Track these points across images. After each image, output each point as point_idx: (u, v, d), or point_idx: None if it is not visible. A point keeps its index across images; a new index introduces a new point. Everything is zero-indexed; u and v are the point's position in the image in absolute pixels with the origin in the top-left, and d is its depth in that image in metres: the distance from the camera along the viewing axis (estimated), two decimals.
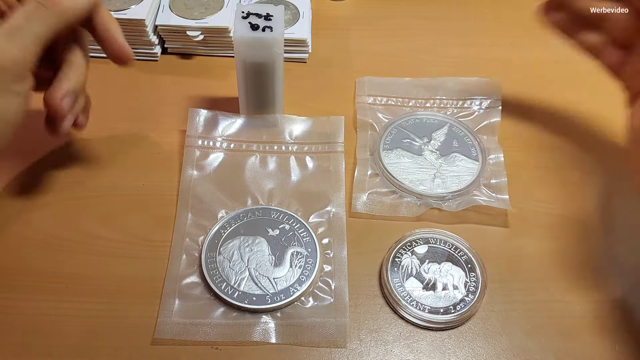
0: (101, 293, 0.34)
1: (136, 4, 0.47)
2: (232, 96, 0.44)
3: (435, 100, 0.46)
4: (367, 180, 0.41)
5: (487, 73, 0.48)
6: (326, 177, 0.40)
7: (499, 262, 0.37)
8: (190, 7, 0.48)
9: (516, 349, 0.33)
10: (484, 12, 0.55)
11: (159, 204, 0.39)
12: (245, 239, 0.37)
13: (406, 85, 0.47)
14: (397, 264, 0.36)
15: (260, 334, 0.33)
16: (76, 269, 0.35)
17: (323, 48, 0.51)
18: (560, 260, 0.37)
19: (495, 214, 0.39)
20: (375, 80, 0.47)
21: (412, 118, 0.44)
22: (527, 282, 0.36)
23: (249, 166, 0.41)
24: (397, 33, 0.53)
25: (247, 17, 0.37)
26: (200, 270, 0.35)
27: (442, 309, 0.34)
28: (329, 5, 0.55)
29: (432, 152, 0.42)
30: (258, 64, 0.38)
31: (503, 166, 0.42)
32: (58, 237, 0.37)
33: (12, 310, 0.33)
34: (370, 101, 0.46)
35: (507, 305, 0.35)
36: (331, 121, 0.43)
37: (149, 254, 0.36)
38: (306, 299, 0.34)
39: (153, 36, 0.48)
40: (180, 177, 0.40)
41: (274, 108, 0.42)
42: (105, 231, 0.37)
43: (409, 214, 0.39)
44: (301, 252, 0.36)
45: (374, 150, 0.42)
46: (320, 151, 0.42)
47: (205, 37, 0.48)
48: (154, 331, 0.33)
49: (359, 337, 0.33)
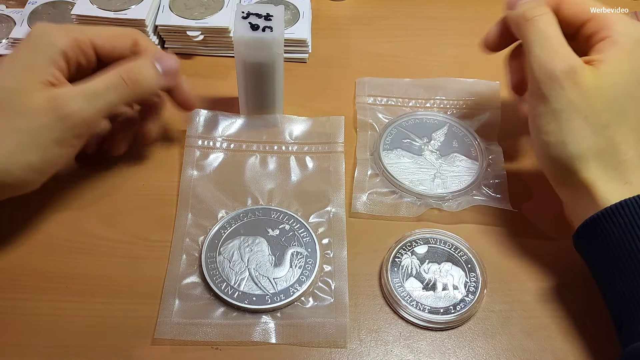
0: (101, 293, 0.34)
1: (136, 4, 0.47)
2: (232, 96, 0.44)
3: (435, 100, 0.46)
4: (367, 180, 0.41)
5: (487, 73, 0.48)
6: (326, 177, 0.40)
7: (499, 262, 0.37)
8: (190, 7, 0.48)
9: (516, 349, 0.33)
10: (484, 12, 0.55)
11: (159, 204, 0.39)
12: (245, 239, 0.37)
13: (406, 86, 0.47)
14: (397, 264, 0.36)
15: (260, 334, 0.33)
16: (76, 269, 0.35)
17: (323, 48, 0.51)
18: (560, 260, 0.37)
19: (495, 214, 0.39)
20: (375, 81, 0.47)
21: (412, 118, 0.44)
22: (527, 282, 0.36)
23: (249, 166, 0.41)
24: (397, 33, 0.53)
25: (247, 17, 0.37)
26: (200, 271, 0.35)
27: (442, 309, 0.34)
28: (329, 5, 0.55)
29: (432, 152, 0.42)
30: (258, 64, 0.38)
31: (503, 166, 0.42)
32: (58, 237, 0.37)
33: (12, 310, 0.33)
34: (370, 101, 0.46)
35: (507, 305, 0.35)
36: (331, 121, 0.43)
37: (149, 254, 0.36)
38: (306, 299, 0.34)
39: (153, 36, 0.48)
40: (181, 177, 0.40)
41: (274, 108, 0.42)
42: (105, 231, 0.37)
43: (409, 214, 0.39)
44: (301, 252, 0.36)
45: (374, 150, 0.42)
46: (320, 151, 0.42)
47: (205, 37, 0.48)
48: (154, 331, 0.33)
49: (359, 337, 0.33)
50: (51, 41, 0.34)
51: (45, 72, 0.33)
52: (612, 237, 0.31)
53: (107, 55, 0.36)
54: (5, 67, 0.33)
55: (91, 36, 0.35)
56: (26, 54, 0.34)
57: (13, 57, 0.34)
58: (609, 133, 0.32)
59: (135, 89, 0.35)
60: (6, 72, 0.33)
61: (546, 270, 0.37)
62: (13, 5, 0.52)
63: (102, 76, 0.34)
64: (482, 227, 0.39)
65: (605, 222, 0.31)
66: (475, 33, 0.53)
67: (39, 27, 0.34)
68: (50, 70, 0.33)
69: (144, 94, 0.37)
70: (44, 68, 0.33)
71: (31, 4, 0.50)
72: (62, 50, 0.34)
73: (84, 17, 0.46)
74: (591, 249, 0.33)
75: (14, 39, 0.48)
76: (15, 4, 0.52)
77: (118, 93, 0.34)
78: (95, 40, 0.35)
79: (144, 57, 0.36)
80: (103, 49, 0.36)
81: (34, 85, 0.32)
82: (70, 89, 0.33)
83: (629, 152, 0.32)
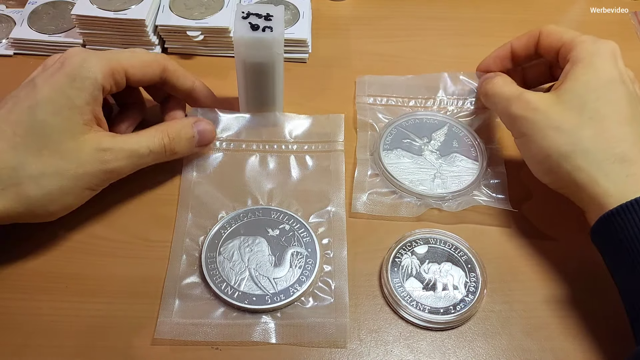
0: (101, 293, 0.34)
1: (136, 4, 0.47)
2: (232, 96, 0.44)
3: (435, 99, 0.46)
4: (367, 180, 0.41)
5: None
6: (326, 177, 0.40)
7: (499, 262, 0.37)
8: (190, 7, 0.48)
9: (516, 349, 0.33)
10: (484, 12, 0.55)
11: (159, 204, 0.39)
12: (245, 239, 0.37)
13: (406, 85, 0.47)
14: (397, 264, 0.36)
15: (260, 334, 0.33)
16: (76, 269, 0.35)
17: (323, 48, 0.51)
18: (560, 260, 0.37)
19: (495, 214, 0.39)
20: (375, 80, 0.47)
21: (412, 118, 0.44)
22: (527, 282, 0.36)
23: (249, 166, 0.41)
24: (397, 33, 0.53)
25: (247, 17, 0.37)
26: (200, 271, 0.35)
27: (442, 309, 0.34)
28: (329, 5, 0.55)
29: (432, 152, 0.42)
30: (258, 64, 0.38)
31: (503, 166, 0.42)
32: (58, 237, 0.37)
33: (12, 310, 0.34)
34: (370, 101, 0.46)
35: (507, 305, 0.35)
36: (331, 119, 0.43)
37: (149, 254, 0.36)
38: (306, 299, 0.34)
39: (153, 36, 0.48)
40: (181, 177, 0.40)
41: (274, 108, 0.42)
42: (105, 231, 0.37)
43: (409, 214, 0.39)
44: (301, 252, 0.36)
45: (374, 150, 0.42)
46: (320, 150, 0.42)
47: (205, 37, 0.48)
48: (154, 331, 0.33)
49: (359, 337, 0.33)
50: (92, 76, 0.33)
51: (88, 112, 0.34)
52: (627, 232, 0.31)
53: (137, 82, 0.37)
54: (45, 100, 0.32)
55: (125, 65, 0.36)
56: (67, 88, 0.33)
57: (52, 87, 0.33)
58: (589, 133, 0.34)
59: (170, 157, 0.38)
60: (48, 106, 0.32)
61: (546, 270, 0.37)
62: (13, 5, 0.52)
63: (146, 137, 0.36)
64: (482, 227, 0.39)
65: (619, 219, 0.31)
66: (475, 33, 0.54)
67: (77, 54, 0.34)
68: (91, 108, 0.34)
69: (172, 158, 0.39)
70: (86, 108, 0.33)
71: (31, 4, 0.50)
72: (102, 85, 0.34)
73: (83, 17, 0.46)
74: (607, 247, 0.33)
75: (14, 39, 0.48)
76: (15, 4, 0.52)
77: (155, 158, 0.37)
78: (129, 69, 0.36)
79: (187, 125, 0.38)
80: (134, 77, 0.36)
81: (79, 128, 0.33)
82: (116, 144, 0.34)
83: (621, 145, 0.33)
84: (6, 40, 0.49)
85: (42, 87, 0.33)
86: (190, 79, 0.40)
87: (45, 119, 0.32)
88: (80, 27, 0.47)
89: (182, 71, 0.39)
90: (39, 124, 0.32)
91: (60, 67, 0.34)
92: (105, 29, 0.47)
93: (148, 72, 0.37)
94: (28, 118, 0.32)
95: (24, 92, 0.33)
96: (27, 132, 0.32)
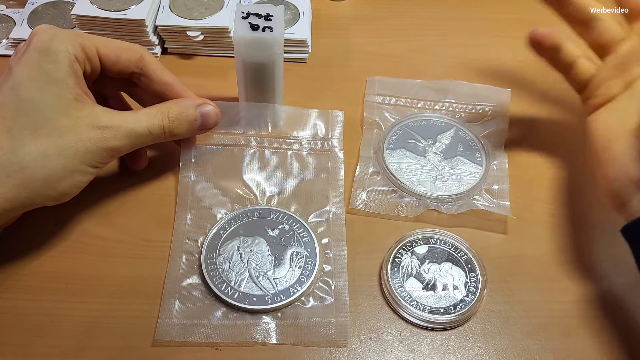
0: (101, 293, 0.34)
1: (136, 4, 0.47)
2: (232, 96, 0.44)
3: (444, 103, 0.46)
4: (368, 177, 0.41)
5: (486, 73, 0.48)
6: (325, 176, 0.40)
7: (499, 262, 0.37)
8: (190, 7, 0.48)
9: (516, 349, 0.33)
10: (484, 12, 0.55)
11: (159, 204, 0.39)
12: (244, 239, 0.37)
13: (416, 87, 0.47)
14: (397, 264, 0.36)
15: (260, 334, 0.33)
16: (76, 269, 0.35)
17: (323, 48, 0.51)
18: (560, 260, 0.37)
19: (495, 220, 0.39)
20: (385, 80, 0.47)
21: (418, 119, 0.44)
22: (527, 282, 0.36)
23: (248, 166, 0.41)
24: (397, 33, 0.53)
25: (247, 17, 0.37)
26: (200, 271, 0.35)
27: (442, 309, 0.34)
28: (329, 5, 0.55)
29: (436, 154, 0.42)
30: (258, 64, 0.38)
31: (507, 173, 0.41)
32: (58, 237, 0.37)
33: (13, 310, 0.33)
34: (379, 100, 0.46)
35: (507, 306, 0.35)
36: (330, 115, 0.43)
37: (149, 254, 0.36)
38: (306, 299, 0.34)
39: (153, 36, 0.48)
40: (179, 177, 0.40)
41: None
42: (105, 231, 0.37)
43: (407, 214, 0.39)
44: (301, 252, 0.36)
45: (377, 148, 0.42)
46: (319, 148, 0.42)
47: (205, 37, 0.48)
48: (155, 333, 0.33)
49: (359, 337, 0.33)
50: (63, 49, 0.32)
51: (71, 85, 0.33)
52: None
53: (112, 66, 0.36)
54: (25, 78, 0.31)
55: (96, 43, 0.35)
56: (42, 62, 0.32)
57: (27, 65, 0.32)
58: None
59: (170, 139, 0.37)
60: (29, 84, 0.31)
61: (546, 271, 0.37)
62: (13, 5, 0.52)
63: (146, 117, 0.35)
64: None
65: None
66: (475, 33, 0.54)
67: (45, 30, 0.33)
68: (73, 81, 0.33)
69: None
70: (70, 81, 0.32)
71: (31, 4, 0.50)
72: (75, 57, 0.33)
73: (84, 17, 0.46)
74: None
75: (14, 39, 0.48)
76: (15, 4, 0.52)
77: (154, 139, 0.36)
78: (101, 48, 0.35)
79: (190, 107, 0.37)
80: (108, 59, 0.35)
81: (71, 104, 0.32)
82: (114, 122, 0.33)
83: None
84: (6, 40, 0.49)
85: (17, 67, 0.32)
86: (170, 74, 0.38)
87: (31, 97, 0.31)
88: (80, 27, 0.47)
89: (161, 65, 0.38)
90: (25, 103, 0.31)
91: (29, 44, 0.33)
92: (105, 29, 0.47)
93: (123, 56, 0.35)
94: (13, 99, 0.31)
95: (2, 78, 0.33)
96: (16, 113, 0.31)
